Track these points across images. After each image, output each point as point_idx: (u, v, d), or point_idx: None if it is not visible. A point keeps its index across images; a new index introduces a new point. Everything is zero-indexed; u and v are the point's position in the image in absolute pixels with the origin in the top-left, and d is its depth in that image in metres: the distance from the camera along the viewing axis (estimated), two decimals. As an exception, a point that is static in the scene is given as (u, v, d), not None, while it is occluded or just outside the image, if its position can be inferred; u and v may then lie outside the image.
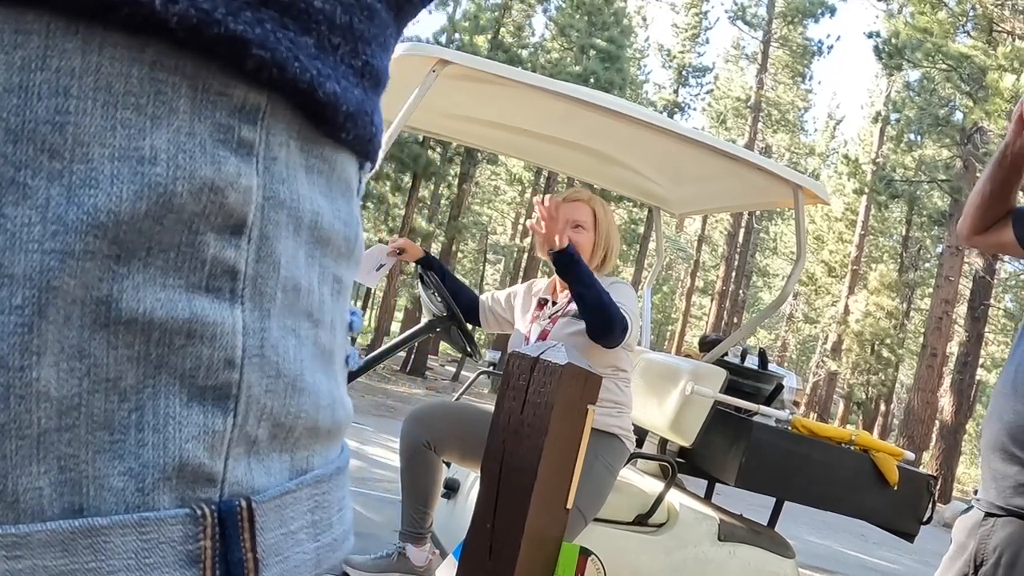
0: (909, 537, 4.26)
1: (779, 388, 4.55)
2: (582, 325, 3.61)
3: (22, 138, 0.44)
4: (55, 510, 0.45)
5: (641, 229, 37.20)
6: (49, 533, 0.45)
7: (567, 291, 3.84)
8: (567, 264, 3.48)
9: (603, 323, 3.46)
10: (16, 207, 0.44)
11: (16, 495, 0.45)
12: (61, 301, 0.44)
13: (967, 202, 2.74)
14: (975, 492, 2.44)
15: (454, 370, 27.32)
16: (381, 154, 2.75)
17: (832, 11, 41.05)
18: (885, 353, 34.25)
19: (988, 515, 2.33)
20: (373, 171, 0.66)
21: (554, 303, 3.87)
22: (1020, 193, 2.72)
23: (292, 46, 0.50)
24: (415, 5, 0.62)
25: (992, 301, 27.00)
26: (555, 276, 3.95)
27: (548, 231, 3.48)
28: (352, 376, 3.95)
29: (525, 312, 4.02)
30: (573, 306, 3.72)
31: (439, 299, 3.94)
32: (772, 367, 4.95)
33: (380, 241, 24.62)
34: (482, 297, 4.26)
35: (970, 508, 2.45)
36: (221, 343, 0.49)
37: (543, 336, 3.70)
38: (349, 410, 0.62)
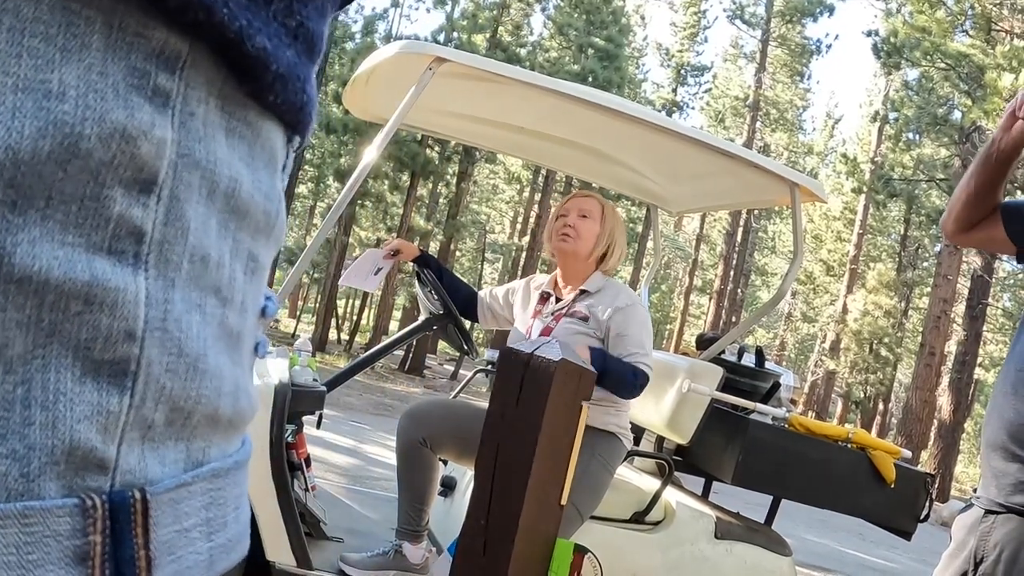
0: (906, 535, 4.26)
1: (776, 386, 4.55)
2: (586, 327, 3.62)
3: None
4: None
5: (639, 228, 37.21)
6: None
7: (572, 288, 3.84)
8: (600, 367, 3.50)
9: (630, 393, 3.58)
10: None
11: None
12: None
13: (952, 199, 2.73)
14: (974, 490, 2.44)
15: (452, 368, 27.34)
16: (377, 151, 2.74)
17: (831, 10, 41.07)
18: (883, 352, 34.25)
19: (988, 512, 2.33)
20: (303, 146, 0.61)
21: (558, 299, 3.87)
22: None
23: None
24: None
25: (990, 300, 27.01)
26: (557, 272, 3.95)
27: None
28: (349, 374, 3.96)
29: (525, 307, 4.01)
30: (578, 306, 3.73)
31: (436, 297, 3.94)
32: (769, 365, 4.96)
33: (378, 241, 24.65)
34: (480, 293, 4.26)
35: (970, 506, 2.46)
36: (122, 312, 0.44)
37: (546, 333, 3.70)
38: (254, 401, 0.58)
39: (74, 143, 0.41)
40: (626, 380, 3.49)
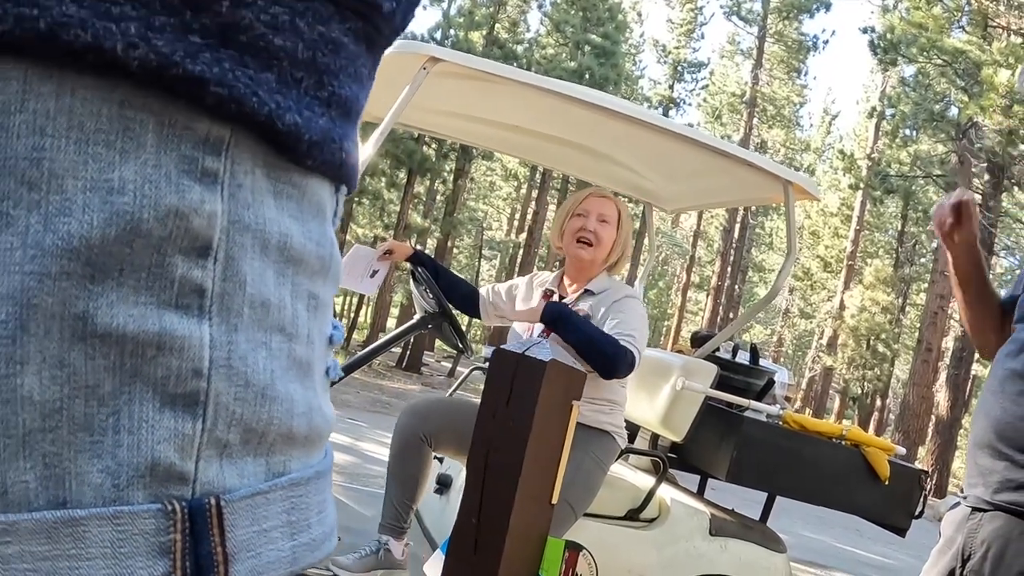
0: (900, 531, 4.27)
1: (770, 383, 4.55)
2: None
3: (4, 173, 0.49)
4: (40, 502, 0.50)
5: (637, 224, 37.25)
6: (35, 522, 0.49)
7: (577, 287, 3.83)
8: (554, 317, 3.56)
9: (605, 363, 3.47)
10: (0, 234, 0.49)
11: (5, 487, 0.50)
12: (41, 317, 0.49)
13: (966, 325, 2.75)
14: (960, 490, 2.45)
15: (450, 366, 27.31)
16: (372, 150, 2.77)
17: (827, 6, 41.10)
18: (880, 348, 34.30)
19: (975, 510, 2.34)
20: (351, 192, 0.71)
21: (561, 297, 3.86)
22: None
23: (251, 82, 0.54)
24: (385, 36, 0.65)
25: (987, 296, 26.95)
26: (563, 270, 3.95)
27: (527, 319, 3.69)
28: (346, 371, 3.96)
29: (527, 304, 4.00)
30: (581, 305, 3.72)
31: (430, 295, 3.94)
32: (763, 362, 4.96)
33: (375, 239, 24.60)
34: (482, 290, 4.25)
35: (956, 504, 2.47)
36: (189, 355, 0.53)
37: (547, 331, 3.69)
38: (328, 417, 0.66)
39: (135, 226, 0.50)
40: (606, 350, 3.44)
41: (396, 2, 0.64)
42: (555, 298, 3.87)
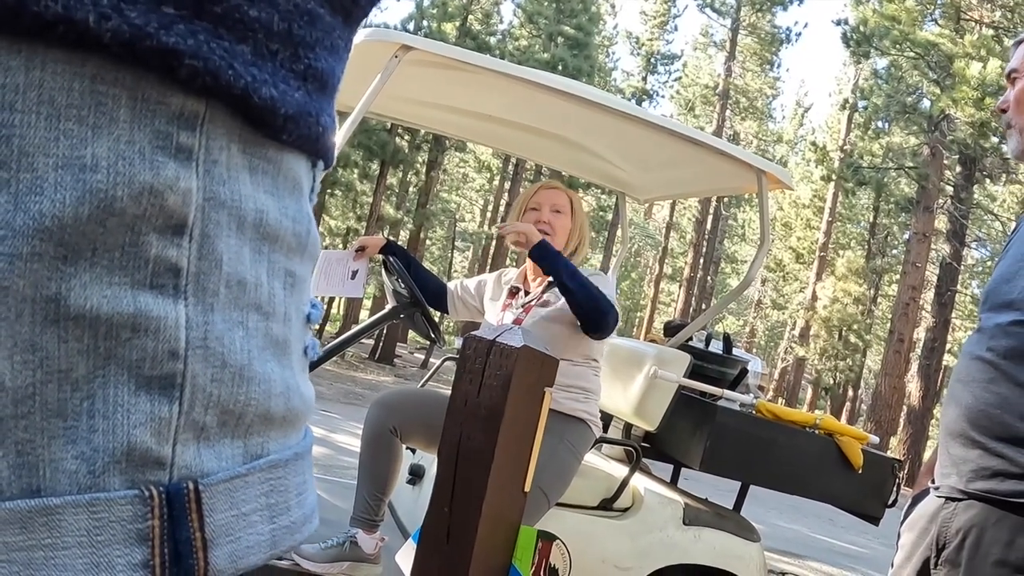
0: (874, 520, 4.28)
1: (743, 372, 4.56)
2: (557, 316, 3.61)
3: None
4: (14, 490, 0.49)
5: (610, 216, 37.29)
6: (8, 511, 0.49)
7: (540, 280, 3.83)
8: (546, 254, 3.50)
9: (596, 314, 3.47)
10: None
11: None
12: (12, 299, 0.48)
13: None
14: (932, 481, 2.44)
15: (423, 357, 27.32)
16: (342, 140, 2.75)
17: (800, -1, 41.21)
18: (852, 339, 34.49)
19: (949, 500, 2.34)
20: (329, 168, 0.69)
21: (527, 292, 3.86)
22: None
23: (226, 55, 0.52)
24: (362, 7, 0.64)
25: (959, 287, 27.22)
26: (526, 265, 3.94)
27: (522, 231, 3.55)
28: (315, 364, 3.93)
29: (495, 300, 4.01)
30: (547, 296, 3.72)
31: (403, 285, 3.93)
32: (736, 352, 4.96)
33: (347, 231, 24.55)
34: (450, 285, 4.25)
35: (925, 493, 2.46)
36: (164, 336, 0.52)
37: (517, 324, 3.69)
38: (307, 397, 0.65)
39: (109, 205, 0.49)
40: (599, 301, 3.43)
41: None
42: (521, 294, 3.87)
